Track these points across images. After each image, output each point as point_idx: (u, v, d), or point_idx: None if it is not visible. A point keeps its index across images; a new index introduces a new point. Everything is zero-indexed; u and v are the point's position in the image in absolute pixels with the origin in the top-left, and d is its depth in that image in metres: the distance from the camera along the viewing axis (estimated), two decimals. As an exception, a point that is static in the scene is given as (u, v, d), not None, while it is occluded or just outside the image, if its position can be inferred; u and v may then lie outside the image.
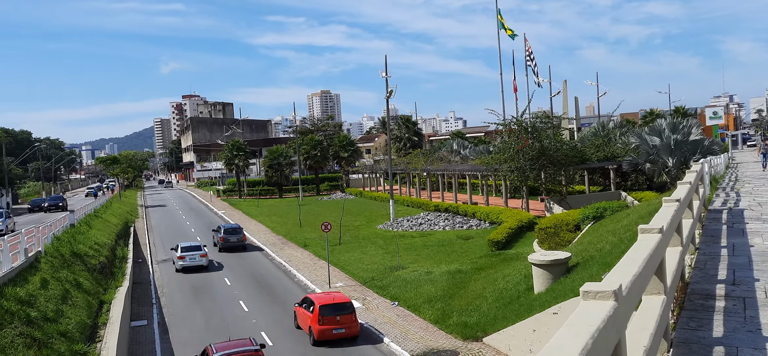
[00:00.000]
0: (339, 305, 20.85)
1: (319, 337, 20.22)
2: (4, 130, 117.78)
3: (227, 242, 39.74)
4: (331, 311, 20.43)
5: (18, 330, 13.87)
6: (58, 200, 66.84)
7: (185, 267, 33.65)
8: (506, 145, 41.38)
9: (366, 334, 21.05)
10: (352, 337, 20.53)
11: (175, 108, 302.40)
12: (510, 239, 32.40)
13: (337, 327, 20.25)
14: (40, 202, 68.50)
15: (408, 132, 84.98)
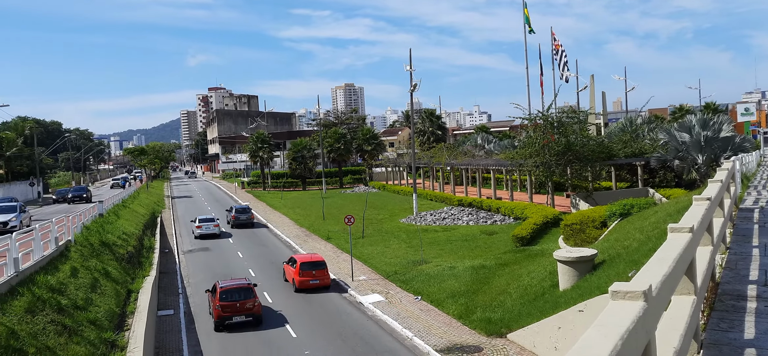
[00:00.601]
0: (315, 262, 27.03)
1: (299, 286, 26.16)
2: (36, 120, 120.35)
3: (238, 219, 47.47)
4: (308, 266, 26.61)
5: (49, 317, 14.20)
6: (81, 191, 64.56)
7: (202, 235, 42.63)
8: (531, 140, 40.98)
9: (336, 285, 27.30)
10: (325, 287, 26.60)
11: (202, 100, 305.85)
12: (535, 235, 32.14)
13: (313, 278, 26.43)
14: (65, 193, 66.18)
15: (432, 126, 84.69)
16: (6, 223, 28.57)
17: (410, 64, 45.98)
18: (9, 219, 29.21)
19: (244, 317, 22.09)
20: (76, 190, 66.22)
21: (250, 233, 44.87)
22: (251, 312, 22.23)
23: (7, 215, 29.94)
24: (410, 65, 45.95)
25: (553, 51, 57.74)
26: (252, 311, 22.25)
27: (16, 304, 13.48)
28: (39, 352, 12.05)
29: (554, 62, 57.87)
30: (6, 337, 11.55)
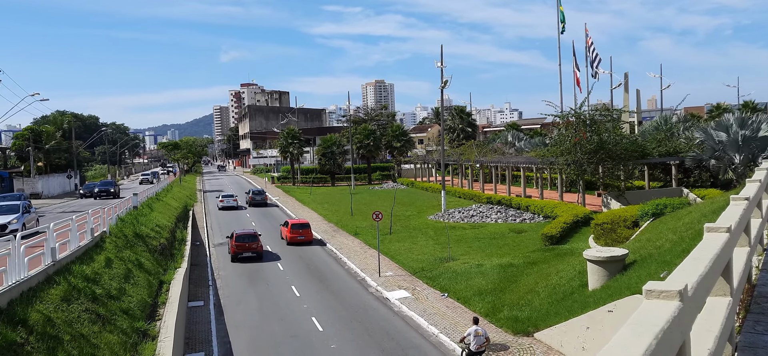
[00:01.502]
0: (302, 224, 38.96)
1: (290, 241, 37.77)
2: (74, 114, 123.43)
3: (254, 199, 60.14)
4: (297, 227, 38.35)
5: (84, 306, 14.54)
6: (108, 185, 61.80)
7: (223, 206, 57.52)
8: (563, 137, 40.43)
9: (317, 241, 38.75)
10: (309, 242, 37.86)
11: (234, 96, 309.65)
12: (564, 234, 31.73)
13: (300, 235, 37.72)
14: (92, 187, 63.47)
15: (462, 123, 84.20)
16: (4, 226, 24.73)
17: (441, 61, 45.77)
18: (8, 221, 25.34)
19: (250, 253, 33.22)
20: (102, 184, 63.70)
21: (263, 210, 57.61)
22: (255, 250, 33.35)
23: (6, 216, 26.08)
24: (441, 62, 45.74)
25: (586, 48, 56.84)
26: (256, 249, 33.37)
27: (53, 292, 13.84)
28: (74, 339, 12.35)
29: (587, 59, 56.97)
30: (42, 324, 11.86)
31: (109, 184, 63.06)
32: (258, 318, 23.23)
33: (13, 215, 26.14)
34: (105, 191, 58.38)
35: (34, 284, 13.62)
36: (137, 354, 14.33)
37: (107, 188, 59.98)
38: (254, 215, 53.23)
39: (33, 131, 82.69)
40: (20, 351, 10.37)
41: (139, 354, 14.37)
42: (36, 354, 10.69)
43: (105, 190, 58.87)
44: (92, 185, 65.51)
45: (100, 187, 60.55)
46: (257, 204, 59.11)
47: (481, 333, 16.33)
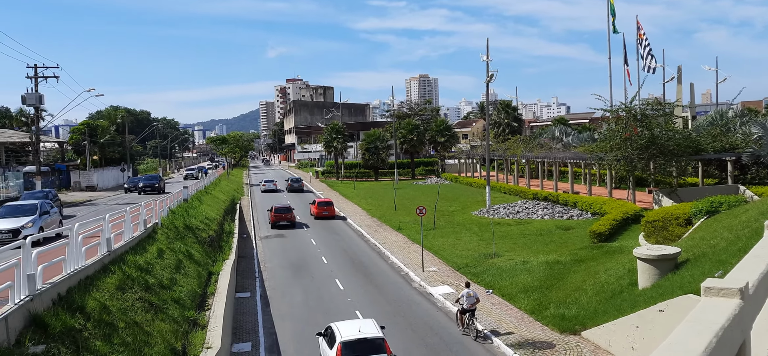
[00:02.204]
0: (327, 202, 48.25)
1: (316, 216, 46.61)
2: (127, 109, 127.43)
3: (292, 186, 69.13)
4: (322, 205, 47.37)
5: (137, 294, 15.05)
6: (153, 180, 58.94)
7: (265, 190, 68.92)
8: (613, 132, 39.41)
9: (339, 217, 47.49)
10: (331, 216, 46.64)
11: (279, 91, 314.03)
12: (613, 231, 30.97)
13: (325, 211, 46.69)
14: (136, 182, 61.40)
15: (507, 117, 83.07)
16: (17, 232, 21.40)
17: (487, 55, 45.24)
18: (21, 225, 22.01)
19: (285, 222, 43.26)
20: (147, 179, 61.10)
21: (299, 195, 65.83)
22: (289, 220, 43.37)
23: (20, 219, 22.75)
24: (487, 55, 45.20)
25: (637, 41, 55.23)
26: (290, 219, 43.45)
27: (108, 281, 14.37)
28: (128, 327, 12.80)
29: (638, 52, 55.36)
30: (99, 312, 12.33)
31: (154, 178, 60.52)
32: (303, 310, 23.55)
33: (28, 218, 22.73)
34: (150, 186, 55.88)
35: (90, 273, 14.17)
36: (188, 343, 14.74)
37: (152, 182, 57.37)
38: (291, 197, 62.37)
39: (88, 126, 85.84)
40: (78, 337, 10.81)
41: (190, 342, 14.78)
42: (93, 340, 11.12)
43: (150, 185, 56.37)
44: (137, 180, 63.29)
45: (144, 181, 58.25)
46: (294, 190, 68.59)
47: (472, 294, 19.80)
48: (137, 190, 56.11)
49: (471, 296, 19.55)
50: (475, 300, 19.59)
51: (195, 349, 14.18)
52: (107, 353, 10.98)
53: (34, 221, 22.89)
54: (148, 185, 56.07)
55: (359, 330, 16.03)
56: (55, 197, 34.25)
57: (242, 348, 19.12)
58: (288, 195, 64.36)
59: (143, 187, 55.58)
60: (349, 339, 15.55)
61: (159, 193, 50.50)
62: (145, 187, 55.47)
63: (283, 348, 19.28)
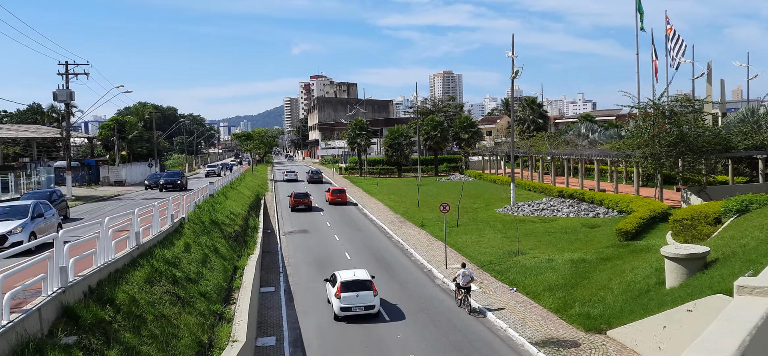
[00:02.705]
0: (340, 190, 54.24)
1: (331, 202, 52.60)
2: (154, 106, 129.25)
3: (312, 177, 75.27)
4: (336, 192, 53.54)
5: (165, 287, 15.30)
6: (175, 177, 55.90)
7: (287, 179, 77.86)
8: (640, 129, 38.82)
9: (351, 203, 53.72)
10: (344, 202, 52.75)
11: (303, 88, 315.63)
12: (640, 229, 30.54)
13: (338, 198, 52.60)
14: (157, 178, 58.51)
15: (532, 114, 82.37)
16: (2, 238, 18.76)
17: (512, 51, 44.91)
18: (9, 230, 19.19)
19: (303, 206, 49.88)
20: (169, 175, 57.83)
21: (318, 185, 71.08)
22: (307, 204, 50.08)
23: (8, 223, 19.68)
24: (512, 52, 44.88)
25: (666, 36, 54.28)
26: (307, 204, 50.16)
27: (137, 274, 14.64)
28: (156, 319, 13.03)
29: (667, 48, 54.40)
30: (128, 304, 12.57)
31: (175, 175, 57.49)
32: (326, 305, 23.66)
33: (18, 222, 19.78)
34: (171, 183, 53.26)
35: (120, 266, 14.45)
36: (214, 336, 14.94)
37: (173, 179, 54.53)
38: (310, 187, 67.53)
39: (117, 122, 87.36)
40: (108, 329, 11.04)
41: (216, 335, 14.98)
42: (122, 332, 11.35)
43: (171, 181, 53.83)
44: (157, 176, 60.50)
45: (166, 178, 55.51)
46: (314, 181, 74.32)
47: (467, 274, 22.18)
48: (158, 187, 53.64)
49: (466, 275, 22.12)
50: (470, 278, 22.18)
51: (221, 342, 14.37)
52: (136, 345, 11.19)
53: (25, 225, 19.66)
54: (170, 182, 53.51)
55: (354, 274, 22.37)
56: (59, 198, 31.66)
57: (267, 342, 19.32)
58: (307, 185, 69.99)
59: (164, 184, 53.18)
60: (346, 280, 21.80)
61: (181, 190, 48.48)
62: (166, 184, 53.07)
63: (307, 343, 19.43)
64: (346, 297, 21.36)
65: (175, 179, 54.27)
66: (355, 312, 21.42)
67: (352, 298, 21.37)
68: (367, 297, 21.60)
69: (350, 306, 21.32)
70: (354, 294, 21.45)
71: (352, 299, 21.35)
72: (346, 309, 21.37)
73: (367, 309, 21.53)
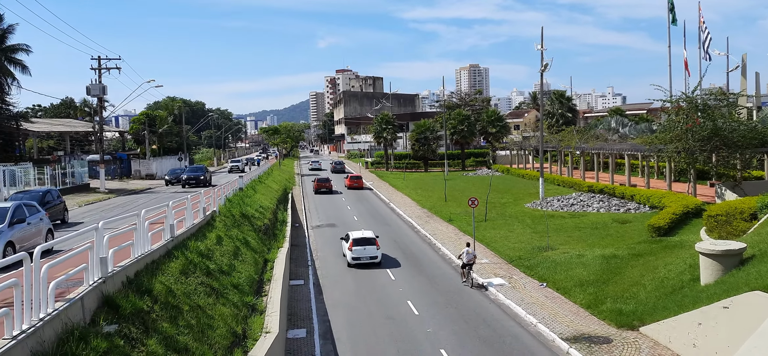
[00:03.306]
0: (357, 176, 64.04)
1: (349, 187, 61.83)
2: (183, 100, 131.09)
3: (335, 167, 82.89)
4: (353, 178, 63.61)
5: (199, 279, 15.58)
6: (198, 172, 52.00)
7: (312, 168, 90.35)
8: (673, 123, 38.08)
9: (367, 188, 62.49)
10: (360, 187, 61.52)
11: (329, 82, 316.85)
12: (673, 225, 30.02)
13: (355, 183, 61.88)
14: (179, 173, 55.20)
15: (561, 108, 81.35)
16: None
17: (541, 43, 44.42)
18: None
19: (325, 189, 57.92)
20: (192, 171, 53.69)
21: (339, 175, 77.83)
22: (328, 188, 58.36)
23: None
24: (541, 44, 44.39)
25: (699, 28, 53.13)
26: (328, 188, 58.62)
27: (173, 266, 14.94)
28: (192, 310, 13.28)
29: (700, 40, 53.25)
30: (165, 295, 12.85)
31: (199, 170, 53.40)
32: (355, 299, 23.84)
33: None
34: (194, 179, 49.33)
35: (156, 257, 14.75)
36: (247, 327, 15.18)
37: (197, 174, 50.60)
38: (333, 175, 73.39)
39: (147, 116, 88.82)
40: (147, 318, 11.31)
41: (250, 326, 15.22)
42: (160, 321, 11.60)
43: (194, 177, 49.82)
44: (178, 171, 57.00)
45: (189, 173, 51.72)
46: (336, 171, 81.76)
47: (471, 252, 25.13)
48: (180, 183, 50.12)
49: (470, 253, 25.06)
50: (473, 256, 25.08)
51: (254, 333, 14.59)
52: (174, 335, 11.44)
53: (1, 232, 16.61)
54: (193, 177, 49.76)
55: (362, 233, 29.90)
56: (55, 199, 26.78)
57: (297, 334, 19.55)
58: (330, 174, 76.79)
59: (188, 180, 49.52)
60: (356, 237, 29.17)
61: (204, 186, 45.09)
62: (189, 180, 49.41)
63: (336, 336, 19.59)
64: (356, 250, 28.36)
65: (198, 175, 50.60)
66: (362, 260, 28.23)
67: (361, 251, 28.36)
68: (372, 250, 28.50)
69: (359, 256, 28.28)
70: (362, 248, 28.41)
71: (360, 251, 28.33)
72: (356, 258, 28.27)
73: (372, 259, 28.34)
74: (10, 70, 59.20)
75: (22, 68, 60.08)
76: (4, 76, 58.55)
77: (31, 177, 41.64)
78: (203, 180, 49.37)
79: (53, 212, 24.43)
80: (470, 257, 24.94)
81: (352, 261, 28.35)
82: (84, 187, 49.50)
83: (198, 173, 51.32)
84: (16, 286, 8.18)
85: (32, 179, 41.60)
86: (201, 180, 49.18)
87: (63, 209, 27.49)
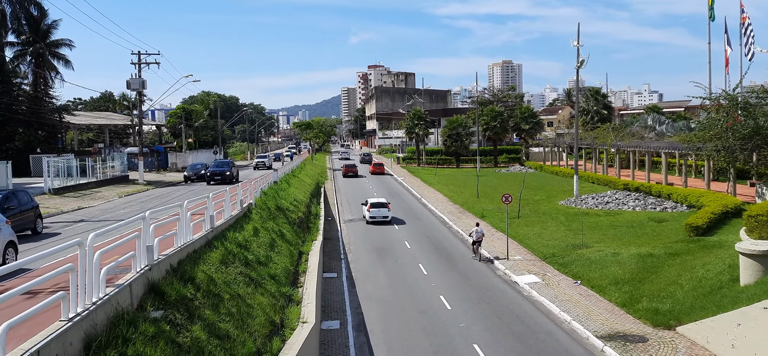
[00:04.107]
0: (379, 163, 78.00)
1: (372, 172, 73.71)
2: (218, 95, 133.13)
3: (363, 158, 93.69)
4: (376, 164, 76.57)
5: (238, 269, 15.99)
6: (224, 167, 47.56)
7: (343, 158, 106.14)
8: (712, 121, 37.26)
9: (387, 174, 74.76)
10: (382, 173, 73.81)
11: (361, 78, 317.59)
12: (712, 225, 29.44)
13: (378, 169, 74.41)
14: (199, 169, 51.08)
15: (596, 105, 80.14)
16: None
17: (578, 40, 43.91)
18: None
19: (352, 174, 71.56)
20: (217, 166, 49.49)
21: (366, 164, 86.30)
22: (355, 173, 72.03)
23: None
24: (578, 41, 43.88)
25: (741, 24, 51.72)
26: (355, 173, 72.20)
27: (213, 255, 15.35)
28: (232, 298, 13.66)
29: (742, 37, 51.83)
30: (206, 283, 13.24)
31: (224, 165, 48.96)
32: (388, 292, 24.06)
33: None
34: (219, 175, 45.11)
35: (197, 247, 15.18)
36: (285, 317, 15.53)
37: (222, 170, 46.12)
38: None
39: (184, 110, 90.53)
40: (191, 306, 11.69)
41: (287, 316, 15.56)
42: (203, 309, 11.98)
43: (219, 173, 45.40)
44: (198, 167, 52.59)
45: (214, 169, 47.31)
46: (364, 161, 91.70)
47: (479, 231, 28.97)
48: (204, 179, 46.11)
49: (479, 231, 28.89)
50: (481, 234, 28.92)
51: (291, 323, 14.91)
52: (216, 322, 11.80)
53: None
54: (218, 173, 45.38)
55: (377, 198, 40.81)
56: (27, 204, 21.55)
57: (331, 326, 19.85)
58: (358, 163, 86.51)
59: (213, 175, 45.32)
60: (373, 202, 39.61)
61: (229, 183, 40.16)
62: (214, 175, 45.16)
63: (370, 328, 19.83)
64: (372, 211, 39.14)
65: (223, 170, 46.09)
66: (377, 219, 38.98)
67: (375, 212, 39.09)
68: (384, 211, 39.28)
69: (375, 215, 38.97)
70: (377, 210, 39.18)
71: (375, 212, 39.07)
72: (373, 217, 38.98)
73: (384, 218, 39.12)
74: (53, 64, 61.18)
75: (65, 62, 62.10)
76: (48, 70, 60.53)
77: (74, 167, 42.93)
78: (229, 176, 44.99)
79: (20, 220, 19.95)
80: (479, 235, 28.74)
81: (370, 219, 38.99)
82: (123, 178, 50.80)
83: (224, 169, 46.70)
84: (71, 271, 8.58)
85: (75, 170, 42.88)
86: (226, 176, 44.96)
87: (35, 218, 21.86)
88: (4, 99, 52.39)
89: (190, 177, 49.86)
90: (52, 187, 38.34)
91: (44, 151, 52.79)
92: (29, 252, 14.57)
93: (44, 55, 59.51)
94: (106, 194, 39.30)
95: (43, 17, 59.92)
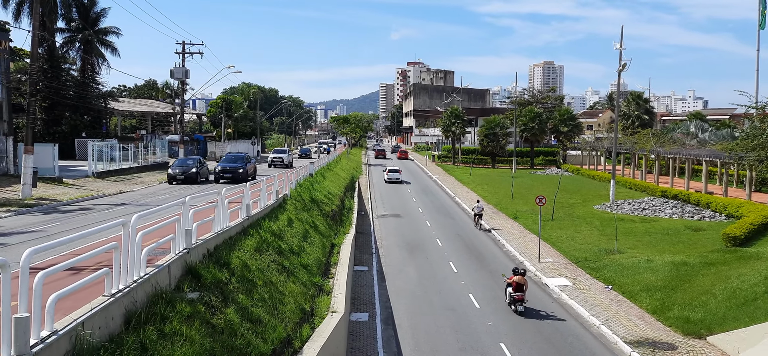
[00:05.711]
0: (404, 151, 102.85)
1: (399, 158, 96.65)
2: (258, 87, 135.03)
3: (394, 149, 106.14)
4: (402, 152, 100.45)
5: (272, 257, 16.46)
6: (237, 163, 38.12)
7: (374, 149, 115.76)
8: (757, 131, 36.29)
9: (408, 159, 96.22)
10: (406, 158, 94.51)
11: (400, 74, 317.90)
12: (750, 236, 28.74)
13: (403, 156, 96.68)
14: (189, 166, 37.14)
15: (638, 110, 78.66)
16: None
17: (621, 43, 43.25)
18: None
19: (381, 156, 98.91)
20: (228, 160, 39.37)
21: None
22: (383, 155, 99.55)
23: None
24: (621, 44, 43.22)
25: (792, 30, 50.09)
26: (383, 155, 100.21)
27: (248, 243, 15.85)
28: (265, 285, 14.12)
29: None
30: (241, 269, 13.72)
31: (238, 160, 38.98)
32: (418, 288, 24.31)
33: None
34: (230, 172, 36.38)
35: (233, 233, 15.70)
36: (315, 306, 15.93)
37: (234, 166, 37.17)
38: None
39: (224, 100, 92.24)
40: (225, 290, 12.16)
41: (317, 305, 15.96)
42: (237, 293, 12.44)
43: (230, 170, 36.59)
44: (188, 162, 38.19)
45: (223, 164, 38.17)
46: (393, 151, 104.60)
47: (480, 205, 37.58)
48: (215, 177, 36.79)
49: (480, 206, 37.47)
50: (482, 208, 37.27)
51: (321, 312, 15.30)
52: (249, 306, 12.25)
53: None
54: (229, 170, 36.64)
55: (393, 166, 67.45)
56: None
57: (360, 318, 20.22)
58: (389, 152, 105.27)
59: (222, 172, 36.53)
60: (390, 168, 63.85)
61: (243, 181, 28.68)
62: (223, 173, 36.45)
63: (398, 322, 20.13)
64: (389, 175, 61.20)
65: (236, 167, 37.06)
66: (392, 180, 60.32)
67: (391, 174, 61.04)
68: (397, 175, 61.01)
69: (390, 177, 60.61)
70: (392, 173, 61.13)
71: (390, 175, 61.04)
72: (389, 179, 60.54)
73: (398, 180, 60.16)
74: (101, 51, 63.21)
75: (112, 50, 64.07)
76: (96, 56, 62.57)
77: (117, 152, 44.35)
78: (242, 174, 35.89)
79: None
80: (480, 209, 37.02)
81: (387, 179, 60.85)
82: (163, 165, 52.20)
83: (236, 165, 37.43)
84: (115, 249, 9.09)
85: (118, 155, 44.28)
86: (240, 174, 35.97)
87: None
88: (54, 84, 54.42)
89: (175, 177, 36.22)
90: (96, 170, 39.67)
91: (89, 135, 54.67)
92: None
93: (92, 42, 61.51)
94: (146, 179, 40.51)
95: (93, 5, 61.96)
